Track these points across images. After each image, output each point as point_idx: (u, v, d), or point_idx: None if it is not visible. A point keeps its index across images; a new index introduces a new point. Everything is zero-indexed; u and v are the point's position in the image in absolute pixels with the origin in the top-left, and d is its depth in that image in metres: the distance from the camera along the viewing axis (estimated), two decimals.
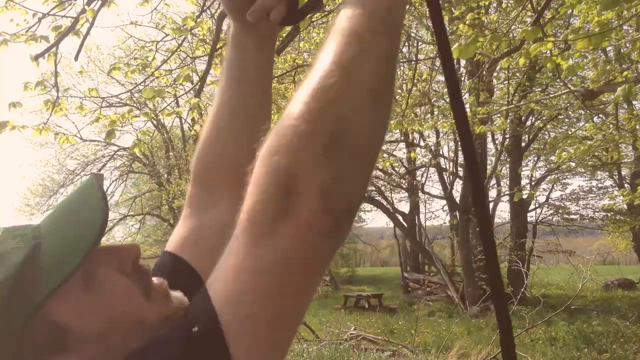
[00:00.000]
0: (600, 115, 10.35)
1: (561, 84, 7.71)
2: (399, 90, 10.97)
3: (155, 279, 0.64)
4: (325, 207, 0.51)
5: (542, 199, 16.85)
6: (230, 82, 0.82)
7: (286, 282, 0.52)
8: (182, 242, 0.78)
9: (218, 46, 4.30)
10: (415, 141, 16.52)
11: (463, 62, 12.40)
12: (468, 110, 7.70)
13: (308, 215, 0.51)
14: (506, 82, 10.09)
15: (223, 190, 0.81)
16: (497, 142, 15.33)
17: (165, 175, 23.90)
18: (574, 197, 17.72)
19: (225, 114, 0.82)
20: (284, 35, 4.13)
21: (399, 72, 11.77)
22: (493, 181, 15.87)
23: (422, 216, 19.82)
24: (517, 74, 10.02)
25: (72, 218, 0.58)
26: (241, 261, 0.52)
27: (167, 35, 5.37)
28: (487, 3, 6.29)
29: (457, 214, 14.03)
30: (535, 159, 17.18)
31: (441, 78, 13.29)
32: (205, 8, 5.28)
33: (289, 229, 0.51)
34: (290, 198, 0.51)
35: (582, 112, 10.95)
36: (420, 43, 8.48)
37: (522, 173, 15.45)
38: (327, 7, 4.16)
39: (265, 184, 0.52)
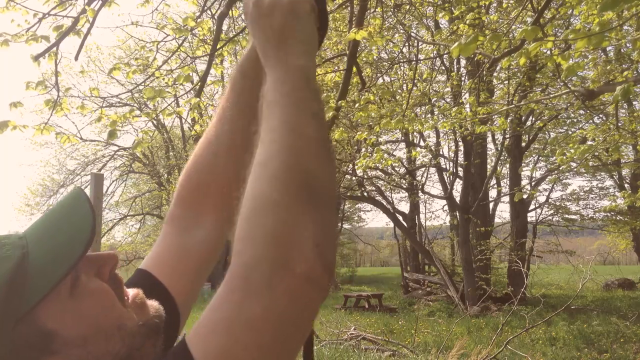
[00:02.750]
0: (601, 116, 10.35)
1: (561, 84, 7.71)
2: (399, 90, 10.97)
3: (131, 290, 0.65)
4: (319, 258, 0.52)
5: (542, 199, 16.88)
6: (236, 110, 0.82)
7: (281, 337, 0.51)
8: (160, 261, 0.78)
9: (218, 46, 4.30)
10: (415, 141, 16.53)
11: (463, 62, 12.43)
12: (468, 110, 7.70)
13: (306, 268, 0.51)
14: (506, 82, 10.10)
15: (209, 214, 0.81)
16: (497, 142, 15.34)
17: (165, 175, 23.91)
18: (574, 197, 17.73)
19: (225, 141, 0.81)
20: None
21: (399, 72, 11.79)
22: (493, 181, 15.87)
23: (422, 216, 19.86)
24: (518, 74, 10.02)
25: (61, 230, 0.60)
26: (235, 316, 0.50)
27: (167, 35, 5.37)
28: (487, 3, 6.29)
29: (457, 214, 14.03)
30: (536, 159, 17.19)
31: (441, 78, 13.33)
32: (205, 8, 5.28)
33: (286, 284, 0.50)
34: (286, 253, 0.51)
35: (582, 112, 10.96)
36: (420, 43, 8.47)
37: (522, 173, 15.46)
38: (327, 7, 4.16)
39: (258, 240, 0.53)
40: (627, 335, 8.74)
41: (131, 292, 0.65)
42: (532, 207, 16.16)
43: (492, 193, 16.27)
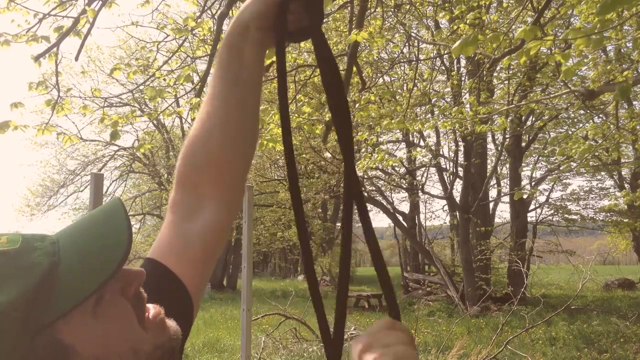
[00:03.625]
0: (601, 115, 10.35)
1: (561, 83, 7.71)
2: (400, 90, 10.97)
3: (152, 307, 0.64)
4: None
5: (542, 199, 16.88)
6: (225, 84, 0.81)
7: None
8: (166, 249, 0.77)
9: (218, 46, 4.30)
10: (415, 141, 16.53)
11: (463, 62, 12.43)
12: (468, 110, 7.71)
13: None
14: (506, 82, 10.10)
15: (209, 195, 0.79)
16: (497, 142, 15.34)
17: (166, 175, 23.91)
18: (574, 197, 17.73)
19: (217, 117, 0.80)
20: None
21: (400, 72, 11.80)
22: (493, 181, 15.87)
23: (422, 216, 19.85)
24: (518, 74, 10.03)
25: (95, 242, 0.58)
26: None
27: (167, 35, 5.37)
28: (487, 3, 6.29)
29: (457, 214, 14.03)
30: (536, 159, 17.19)
31: (442, 78, 13.33)
32: (206, 8, 5.28)
33: None
34: None
35: (582, 112, 10.96)
36: (420, 43, 8.47)
37: (522, 173, 15.46)
38: (327, 8, 4.16)
39: None
40: (627, 335, 8.74)
41: (152, 309, 0.63)
42: (532, 207, 16.17)
43: (492, 193, 16.27)
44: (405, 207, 21.94)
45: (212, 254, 0.80)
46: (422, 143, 15.95)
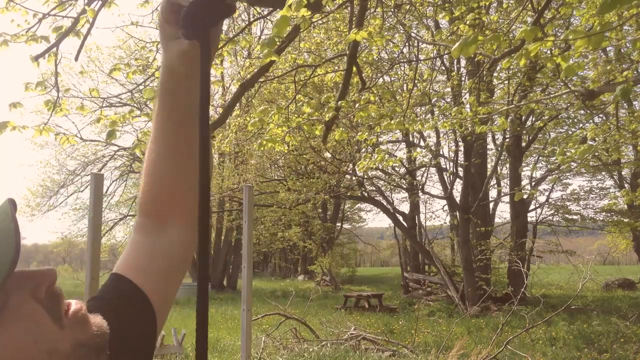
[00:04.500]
0: (601, 116, 10.35)
1: (561, 84, 7.71)
2: (400, 90, 10.97)
3: (74, 303, 0.62)
4: None
5: (542, 199, 16.87)
6: (161, 108, 0.79)
7: None
8: (131, 263, 0.77)
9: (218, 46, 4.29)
10: (415, 141, 16.54)
11: (463, 62, 12.43)
12: (468, 110, 7.71)
13: None
14: (506, 82, 10.10)
15: (172, 217, 0.80)
16: (497, 142, 15.34)
17: None
18: (574, 197, 17.73)
19: (162, 144, 0.79)
20: (284, 35, 4.13)
21: (399, 72, 11.80)
22: (493, 181, 15.87)
23: (422, 216, 19.86)
24: (518, 74, 10.02)
25: None
26: None
27: None
28: (487, 3, 6.29)
29: (457, 214, 14.03)
30: (536, 159, 17.19)
31: (442, 78, 13.33)
32: None
33: None
34: None
35: (583, 112, 10.95)
36: (420, 43, 8.47)
37: (523, 173, 15.46)
38: (327, 7, 4.16)
39: None
40: (627, 335, 8.74)
41: (73, 305, 0.61)
42: (532, 207, 16.17)
43: (492, 193, 16.28)
44: (405, 207, 21.97)
45: (177, 270, 0.81)
46: (422, 143, 15.96)
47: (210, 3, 0.65)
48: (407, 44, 8.29)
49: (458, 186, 14.56)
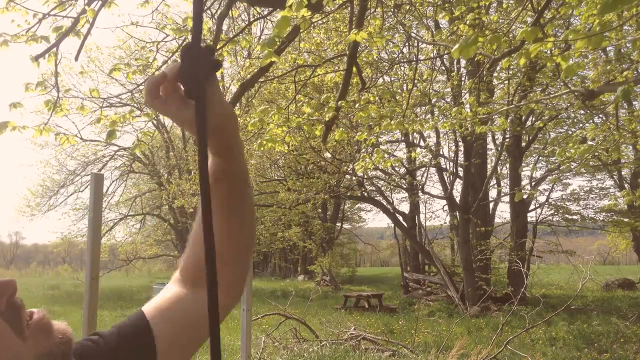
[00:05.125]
0: (601, 115, 10.36)
1: (561, 84, 7.71)
2: (399, 91, 10.97)
3: (36, 312, 0.61)
4: None
5: (542, 199, 16.87)
6: (221, 216, 0.79)
7: None
8: (155, 304, 0.80)
9: (218, 46, 4.30)
10: (415, 141, 16.54)
11: (463, 62, 12.43)
12: (468, 110, 7.70)
13: None
14: (506, 82, 10.10)
15: (203, 289, 0.82)
16: (497, 142, 15.35)
17: (166, 175, 23.91)
18: (574, 197, 17.73)
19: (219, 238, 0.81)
20: (284, 35, 4.14)
21: (399, 73, 11.80)
22: (493, 181, 15.87)
23: (422, 216, 19.85)
24: (518, 74, 10.03)
25: None
26: None
27: (167, 35, 5.38)
28: (487, 3, 6.29)
29: (457, 214, 14.03)
30: (536, 159, 17.19)
31: (442, 78, 13.33)
32: (205, 8, 5.28)
33: None
34: None
35: (582, 112, 10.96)
36: (420, 43, 8.47)
37: (522, 173, 15.46)
38: (327, 7, 4.16)
39: None
40: (627, 335, 8.74)
41: (36, 314, 0.60)
42: (532, 207, 16.17)
43: (492, 193, 16.27)
44: (405, 207, 21.98)
45: (191, 327, 0.80)
46: (422, 143, 15.96)
47: (199, 56, 0.62)
48: (407, 44, 8.29)
49: (458, 186, 14.57)
